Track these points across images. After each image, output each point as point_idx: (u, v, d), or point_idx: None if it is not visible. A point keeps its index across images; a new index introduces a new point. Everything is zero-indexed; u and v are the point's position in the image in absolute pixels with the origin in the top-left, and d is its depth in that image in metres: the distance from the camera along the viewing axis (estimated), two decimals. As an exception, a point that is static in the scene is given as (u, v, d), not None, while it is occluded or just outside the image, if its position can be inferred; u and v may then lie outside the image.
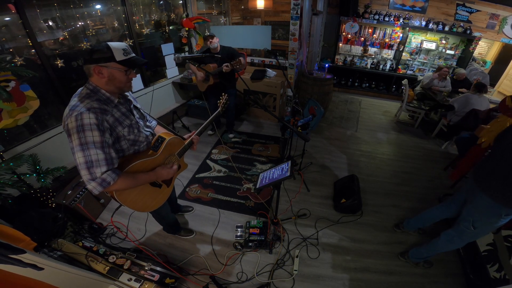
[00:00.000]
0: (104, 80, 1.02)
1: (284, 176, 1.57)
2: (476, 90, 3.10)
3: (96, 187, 0.99)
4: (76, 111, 0.94)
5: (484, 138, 2.19)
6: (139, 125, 1.19)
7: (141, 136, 1.19)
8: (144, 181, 1.17)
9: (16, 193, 1.89)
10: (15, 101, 1.93)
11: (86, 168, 0.96)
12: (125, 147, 1.13)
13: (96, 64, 0.98)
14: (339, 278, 1.80)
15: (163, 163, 1.28)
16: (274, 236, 1.98)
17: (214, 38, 2.71)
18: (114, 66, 1.00)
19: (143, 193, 1.24)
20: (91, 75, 1.02)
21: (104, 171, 0.98)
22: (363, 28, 5.02)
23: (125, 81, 1.06)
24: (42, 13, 2.19)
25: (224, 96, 1.74)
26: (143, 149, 1.24)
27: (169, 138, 1.29)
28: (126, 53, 1.02)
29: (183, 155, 1.43)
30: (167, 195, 1.40)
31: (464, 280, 1.80)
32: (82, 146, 0.94)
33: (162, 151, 1.26)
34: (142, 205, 1.26)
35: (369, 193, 2.57)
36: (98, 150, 0.96)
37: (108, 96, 1.05)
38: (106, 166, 0.99)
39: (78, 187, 2.09)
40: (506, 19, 4.23)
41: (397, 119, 4.28)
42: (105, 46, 0.98)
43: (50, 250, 1.69)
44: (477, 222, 1.46)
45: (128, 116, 1.14)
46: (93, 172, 0.97)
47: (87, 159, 0.95)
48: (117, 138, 1.08)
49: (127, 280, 1.57)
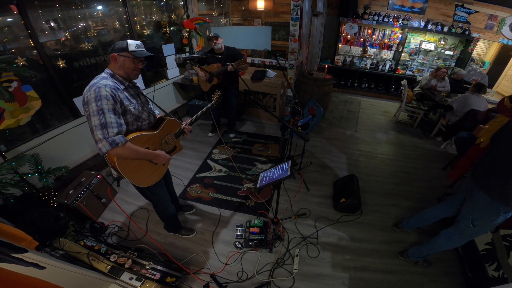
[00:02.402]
0: (117, 65, 1.25)
1: (284, 176, 1.58)
2: (475, 91, 3.12)
3: (105, 145, 1.12)
4: (95, 86, 1.14)
5: (483, 138, 2.20)
6: (143, 105, 1.40)
7: (144, 114, 1.37)
8: (144, 156, 1.33)
9: (18, 193, 1.90)
10: (17, 102, 1.95)
11: (101, 129, 1.12)
12: (129, 120, 1.30)
13: (114, 52, 1.23)
14: (338, 277, 1.81)
15: (161, 141, 1.46)
16: (274, 235, 2.00)
17: (218, 39, 2.74)
18: (126, 55, 1.24)
19: (141, 165, 1.36)
20: (109, 62, 1.26)
21: (116, 132, 1.15)
22: (362, 29, 5.04)
23: (132, 68, 1.27)
24: (44, 14, 2.21)
25: (218, 92, 1.88)
26: (144, 127, 1.40)
27: (168, 119, 1.49)
28: (138, 47, 1.27)
29: (179, 137, 1.60)
30: (162, 173, 1.54)
31: (463, 279, 1.81)
32: (99, 111, 1.12)
33: (161, 129, 1.43)
34: (138, 178, 1.37)
35: (368, 193, 2.59)
36: (111, 115, 1.15)
37: (121, 79, 1.28)
38: (117, 128, 1.16)
39: (80, 186, 2.10)
40: (504, 20, 4.25)
41: (396, 119, 4.30)
42: (125, 41, 1.24)
43: (52, 249, 1.70)
44: (476, 220, 1.47)
45: (135, 97, 1.36)
46: (105, 132, 1.12)
47: (101, 121, 1.12)
48: (124, 111, 1.26)
49: (128, 279, 1.58)
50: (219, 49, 2.79)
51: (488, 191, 1.38)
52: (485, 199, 1.40)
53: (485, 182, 1.42)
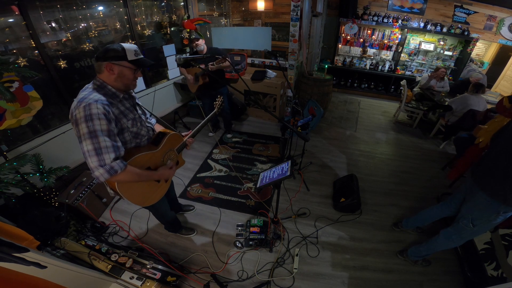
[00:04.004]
0: (113, 76, 1.07)
1: (284, 176, 1.59)
2: (474, 91, 3.13)
3: (103, 174, 1.00)
4: (84, 102, 0.98)
5: (482, 138, 2.22)
6: (141, 119, 1.26)
7: (143, 130, 1.25)
8: (147, 178, 1.22)
9: (20, 193, 1.91)
10: (19, 102, 1.95)
11: (95, 155, 0.98)
12: (127, 138, 1.17)
13: (109, 61, 1.04)
14: (338, 276, 1.82)
15: (163, 158, 1.33)
16: (274, 234, 2.00)
17: (199, 40, 2.76)
18: (125, 64, 1.07)
19: (143, 186, 1.27)
20: (101, 71, 1.07)
21: (113, 158, 1.01)
22: (362, 29, 5.06)
23: (132, 79, 1.12)
24: (45, 15, 2.21)
25: (220, 98, 1.83)
26: (144, 144, 1.28)
27: (170, 133, 1.36)
28: (136, 54, 1.09)
29: (181, 151, 1.49)
30: (165, 190, 1.45)
31: (462, 278, 1.82)
32: (91, 134, 0.97)
33: (163, 146, 1.31)
34: (141, 199, 1.29)
35: (368, 192, 2.60)
36: (106, 138, 1.00)
37: (114, 91, 1.11)
38: (114, 153, 1.02)
39: (81, 186, 2.11)
40: (503, 20, 4.27)
41: (395, 119, 4.31)
42: (120, 46, 1.06)
43: (53, 248, 1.71)
44: (476, 219, 1.47)
45: (132, 111, 1.20)
46: (102, 159, 0.99)
47: (95, 146, 0.98)
48: (121, 130, 1.13)
49: (129, 278, 1.58)
50: (202, 51, 2.80)
51: (488, 191, 1.39)
52: (485, 198, 1.40)
53: (485, 182, 1.42)
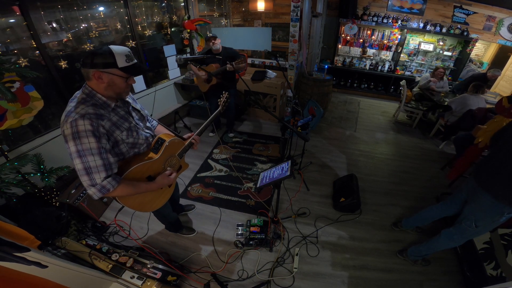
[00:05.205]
0: (103, 85, 0.98)
1: (284, 176, 1.60)
2: (473, 91, 3.14)
3: (95, 193, 0.98)
4: (70, 117, 0.92)
5: (481, 138, 2.22)
6: (138, 128, 1.17)
7: (140, 139, 1.17)
8: (145, 190, 1.16)
9: (21, 192, 1.92)
10: (20, 102, 1.95)
11: (86, 174, 0.95)
12: (124, 150, 1.11)
13: (96, 69, 0.94)
14: (338, 275, 1.82)
15: (164, 165, 1.27)
16: (274, 234, 2.01)
17: (216, 39, 2.76)
18: (116, 72, 0.96)
19: (144, 194, 1.23)
20: (89, 79, 0.97)
21: (104, 177, 0.97)
22: (362, 30, 5.07)
23: (124, 87, 1.03)
24: (46, 15, 2.22)
25: (225, 94, 1.67)
26: (143, 151, 1.22)
27: (169, 140, 1.27)
28: (128, 59, 0.99)
29: (184, 155, 1.42)
30: (169, 195, 1.41)
31: (461, 278, 1.83)
32: (79, 153, 0.93)
33: (163, 153, 1.24)
34: (143, 206, 1.27)
35: (368, 192, 2.60)
36: (95, 157, 0.95)
37: (104, 100, 1.01)
38: (105, 172, 0.97)
39: (82, 186, 2.11)
40: (502, 21, 4.29)
41: (395, 119, 4.32)
42: (108, 51, 0.94)
43: (54, 248, 1.72)
44: (479, 220, 1.47)
45: (127, 119, 1.11)
46: (92, 178, 0.96)
47: (85, 166, 0.94)
48: (116, 143, 1.06)
49: (130, 277, 1.59)
50: (217, 50, 2.81)
51: (493, 193, 1.38)
52: (489, 200, 1.40)
53: (490, 184, 1.41)
